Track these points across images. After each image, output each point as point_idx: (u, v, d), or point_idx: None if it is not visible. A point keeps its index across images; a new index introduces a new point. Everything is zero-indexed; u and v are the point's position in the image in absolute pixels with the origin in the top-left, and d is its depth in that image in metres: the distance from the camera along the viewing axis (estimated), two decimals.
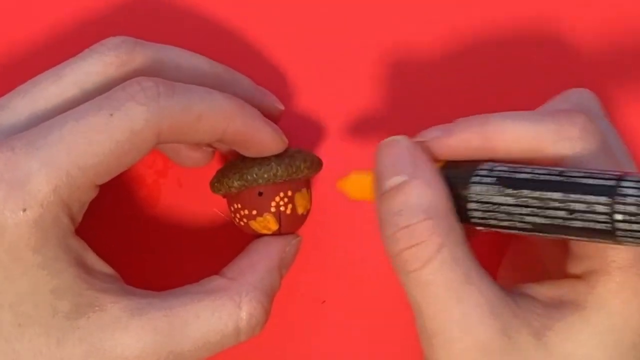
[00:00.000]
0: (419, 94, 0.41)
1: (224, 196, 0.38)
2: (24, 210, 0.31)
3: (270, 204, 0.37)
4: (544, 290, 0.33)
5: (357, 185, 0.35)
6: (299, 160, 0.37)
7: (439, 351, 0.32)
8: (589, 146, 0.32)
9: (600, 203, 0.29)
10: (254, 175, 0.36)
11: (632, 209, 0.28)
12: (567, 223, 0.30)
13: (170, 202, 0.40)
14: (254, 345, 0.39)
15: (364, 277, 0.39)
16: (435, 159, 0.33)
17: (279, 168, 0.36)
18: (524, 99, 0.37)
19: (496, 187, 0.31)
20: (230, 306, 0.34)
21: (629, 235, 0.29)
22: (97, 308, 0.32)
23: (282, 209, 0.37)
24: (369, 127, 0.41)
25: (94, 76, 0.34)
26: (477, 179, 0.32)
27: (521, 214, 0.31)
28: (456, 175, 0.33)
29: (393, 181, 0.32)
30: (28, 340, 0.32)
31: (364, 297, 0.39)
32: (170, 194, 0.40)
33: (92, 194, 0.33)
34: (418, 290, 0.32)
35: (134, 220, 0.40)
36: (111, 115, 0.32)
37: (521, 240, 0.37)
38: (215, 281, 0.36)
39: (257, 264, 0.36)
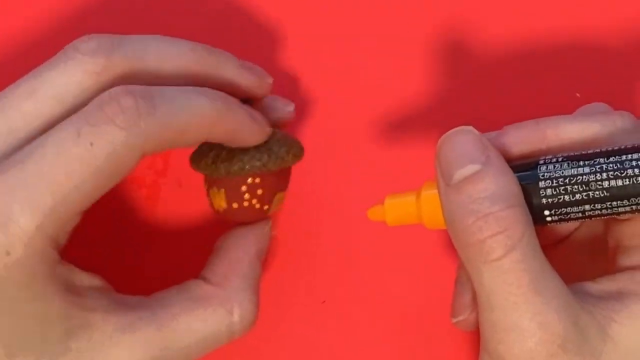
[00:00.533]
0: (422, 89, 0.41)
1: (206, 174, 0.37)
2: (8, 253, 0.30)
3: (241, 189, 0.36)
4: (600, 287, 0.32)
5: (397, 210, 0.34)
6: (284, 151, 0.36)
7: (514, 346, 0.31)
8: None
9: None
10: (249, 165, 0.35)
11: None
12: None
13: (170, 202, 0.40)
14: (254, 345, 0.39)
15: (364, 277, 0.39)
16: None
17: (269, 159, 0.36)
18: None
19: (567, 163, 0.31)
20: (222, 313, 0.34)
21: None
22: (87, 328, 0.32)
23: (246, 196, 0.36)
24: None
25: (72, 87, 0.33)
26: (544, 161, 0.32)
27: (598, 180, 0.31)
28: (520, 168, 0.32)
29: (467, 170, 0.31)
30: None
31: (364, 297, 0.39)
32: (170, 194, 0.40)
33: (77, 220, 0.33)
34: (497, 281, 0.31)
35: (133, 220, 0.40)
36: (91, 144, 0.31)
37: (553, 249, 0.37)
38: (201, 288, 0.35)
39: (238, 264, 0.36)
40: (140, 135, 0.31)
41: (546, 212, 0.32)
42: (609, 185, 0.31)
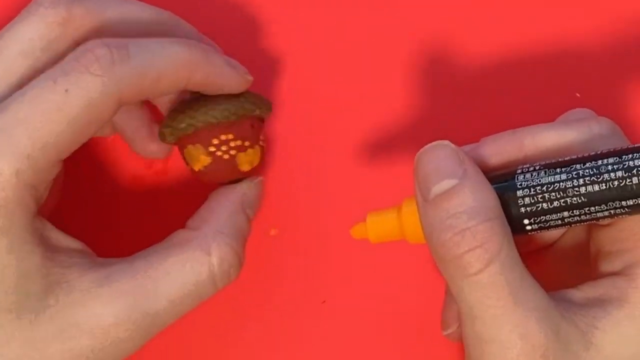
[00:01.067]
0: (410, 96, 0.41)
1: (178, 141, 0.37)
2: None
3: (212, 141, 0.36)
4: (582, 293, 0.32)
5: (379, 227, 0.34)
6: (247, 101, 0.36)
7: (495, 357, 0.31)
8: (622, 141, 0.32)
9: None
10: (214, 113, 0.35)
11: None
12: (626, 182, 0.30)
13: (170, 202, 0.40)
14: (253, 345, 0.39)
15: (363, 277, 0.39)
16: None
17: (226, 109, 0.36)
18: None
19: (544, 171, 0.31)
20: (199, 255, 0.34)
21: None
22: (64, 284, 0.32)
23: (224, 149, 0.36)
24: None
25: (37, 41, 0.33)
26: (521, 170, 0.32)
27: (575, 187, 0.31)
28: (498, 179, 0.32)
29: (444, 185, 0.31)
30: (0, 327, 0.31)
31: (364, 297, 0.39)
32: (170, 194, 0.40)
33: (56, 170, 0.33)
34: (476, 294, 0.31)
35: (133, 220, 0.40)
36: (67, 91, 0.31)
37: (536, 256, 0.37)
38: (180, 234, 0.35)
39: (218, 209, 0.36)
40: (115, 82, 0.32)
41: (526, 221, 0.32)
42: (586, 190, 0.31)
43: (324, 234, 0.40)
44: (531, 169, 0.32)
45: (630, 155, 0.30)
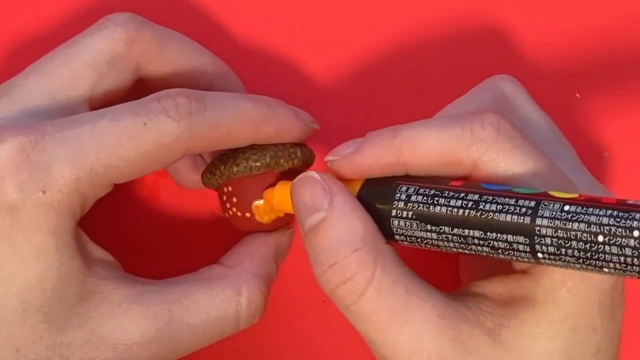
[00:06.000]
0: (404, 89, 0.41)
1: (218, 188, 0.37)
2: (44, 192, 0.31)
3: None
4: (493, 287, 0.33)
5: (281, 195, 0.35)
6: (298, 150, 0.37)
7: None
8: (505, 146, 0.31)
9: (520, 242, 0.29)
10: (254, 163, 0.36)
11: (552, 249, 0.28)
12: (493, 255, 0.30)
13: (170, 202, 0.40)
14: (253, 345, 0.39)
15: None
16: (351, 178, 0.33)
17: (278, 156, 0.36)
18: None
19: (415, 223, 0.31)
20: (230, 293, 0.35)
21: (554, 265, 0.29)
22: (98, 295, 0.33)
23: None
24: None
25: (103, 53, 0.35)
26: (395, 212, 0.32)
27: (447, 246, 0.31)
28: (376, 194, 0.32)
29: (312, 220, 0.32)
30: (30, 327, 0.32)
31: None
32: (170, 194, 0.40)
33: (108, 190, 0.34)
34: (362, 322, 0.32)
35: (133, 220, 0.40)
36: (145, 124, 0.32)
37: None
38: (214, 269, 0.36)
39: (254, 253, 0.37)
40: (189, 130, 0.33)
41: (404, 244, 0.32)
42: (458, 251, 0.31)
43: None
44: (405, 213, 0.31)
45: (494, 235, 0.29)
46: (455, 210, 0.30)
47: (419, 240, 0.31)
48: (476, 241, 0.30)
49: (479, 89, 0.36)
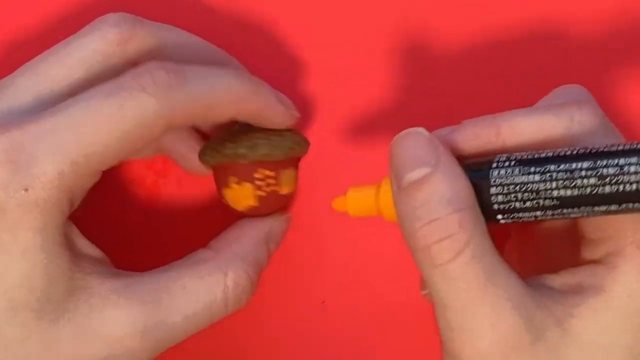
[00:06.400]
0: (420, 90, 0.41)
1: (215, 167, 0.38)
2: (26, 190, 0.31)
3: (254, 175, 0.37)
4: (562, 279, 0.32)
5: (358, 202, 0.34)
6: (290, 141, 0.37)
7: (465, 347, 0.31)
8: (603, 127, 0.32)
9: (632, 164, 0.29)
10: (249, 149, 0.36)
11: None
12: (598, 190, 0.30)
13: (170, 202, 0.40)
14: (253, 345, 0.39)
15: (364, 277, 0.39)
16: None
17: (274, 147, 0.36)
18: (528, 97, 0.37)
19: (518, 168, 0.31)
20: (217, 275, 0.35)
21: None
22: (85, 290, 0.33)
23: (264, 186, 0.37)
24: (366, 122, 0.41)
25: (96, 54, 0.34)
26: (496, 164, 0.31)
27: (548, 189, 0.30)
28: (473, 167, 0.32)
29: (416, 174, 0.31)
30: (19, 324, 0.32)
31: (364, 297, 0.39)
32: (170, 194, 0.40)
33: (95, 179, 0.34)
34: (446, 284, 0.31)
35: (133, 220, 0.40)
36: (121, 106, 0.32)
37: (525, 232, 0.37)
38: (202, 253, 0.36)
39: (243, 236, 0.37)
40: (169, 105, 0.32)
41: (499, 216, 0.32)
42: (558, 194, 0.30)
43: (323, 235, 0.40)
44: (506, 163, 0.31)
45: (604, 162, 0.29)
46: (563, 152, 0.30)
47: (517, 188, 0.31)
48: (584, 173, 0.30)
49: (552, 97, 0.35)
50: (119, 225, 0.40)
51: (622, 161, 0.29)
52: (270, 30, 0.41)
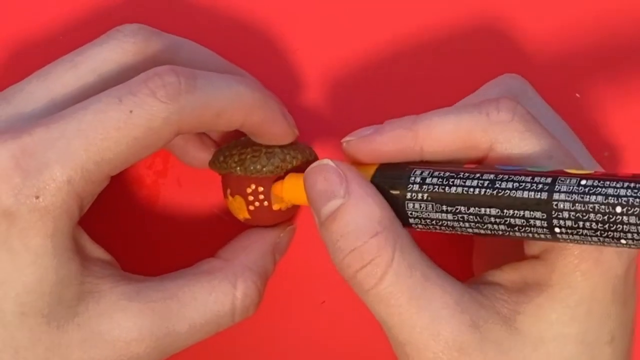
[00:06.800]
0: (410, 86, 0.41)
1: (223, 175, 0.38)
2: (37, 197, 0.31)
3: (247, 190, 0.37)
4: (506, 275, 0.33)
5: (293, 188, 0.35)
6: (288, 155, 0.37)
7: (413, 358, 0.32)
8: (521, 128, 0.32)
9: (537, 218, 0.29)
10: (266, 166, 0.36)
11: (569, 223, 0.29)
12: (509, 234, 0.30)
13: (170, 202, 0.40)
14: (253, 345, 0.39)
15: None
16: (366, 162, 0.33)
17: (264, 163, 0.36)
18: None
19: (431, 204, 0.31)
20: (226, 286, 0.35)
21: (571, 240, 0.29)
22: (96, 294, 0.33)
23: (254, 200, 0.37)
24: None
25: (111, 63, 0.34)
26: (410, 195, 0.32)
27: (462, 227, 0.31)
28: (390, 178, 0.33)
29: (329, 207, 0.32)
30: (28, 329, 0.32)
31: None
32: (170, 194, 0.40)
33: (104, 184, 0.34)
34: (381, 306, 0.32)
35: (133, 220, 0.40)
36: (131, 112, 0.32)
37: None
38: (211, 262, 0.36)
39: (251, 247, 0.37)
40: (179, 111, 0.32)
41: (419, 228, 0.32)
42: (473, 232, 0.31)
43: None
44: (420, 195, 0.32)
45: (510, 212, 0.30)
46: (472, 189, 0.30)
47: (434, 222, 0.31)
48: (493, 219, 0.30)
49: (489, 86, 0.36)
50: (118, 225, 0.40)
51: (528, 214, 0.29)
52: (270, 35, 0.41)
